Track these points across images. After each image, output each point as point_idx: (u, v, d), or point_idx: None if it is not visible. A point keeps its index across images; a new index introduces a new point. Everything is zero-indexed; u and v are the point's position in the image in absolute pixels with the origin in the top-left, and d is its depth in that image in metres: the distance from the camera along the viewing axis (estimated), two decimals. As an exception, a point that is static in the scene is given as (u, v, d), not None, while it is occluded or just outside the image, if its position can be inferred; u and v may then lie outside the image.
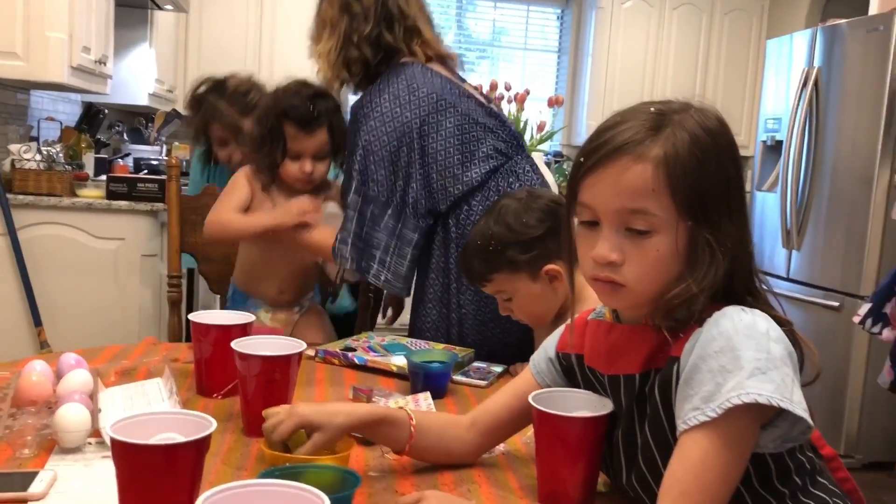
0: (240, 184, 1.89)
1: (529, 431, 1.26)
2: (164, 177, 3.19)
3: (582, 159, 0.95)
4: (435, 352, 1.56)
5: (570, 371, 1.10)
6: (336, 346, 1.65)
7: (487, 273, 1.52)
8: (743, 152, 5.37)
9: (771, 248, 4.15)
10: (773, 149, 4.25)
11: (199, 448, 0.87)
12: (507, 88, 3.46)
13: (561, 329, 1.14)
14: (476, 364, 1.65)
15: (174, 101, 4.65)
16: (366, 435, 1.13)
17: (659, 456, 0.93)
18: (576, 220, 1.00)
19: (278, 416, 1.07)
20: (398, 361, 1.55)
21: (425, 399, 1.31)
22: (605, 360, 1.03)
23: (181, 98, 4.33)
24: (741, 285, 0.94)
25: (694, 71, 5.49)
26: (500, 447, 1.20)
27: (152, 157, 4.18)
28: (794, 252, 3.97)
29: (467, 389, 1.51)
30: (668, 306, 0.92)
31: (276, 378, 1.19)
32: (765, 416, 0.88)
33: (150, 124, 4.62)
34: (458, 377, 1.54)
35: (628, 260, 0.93)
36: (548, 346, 1.15)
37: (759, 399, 0.83)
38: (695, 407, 0.86)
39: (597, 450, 1.03)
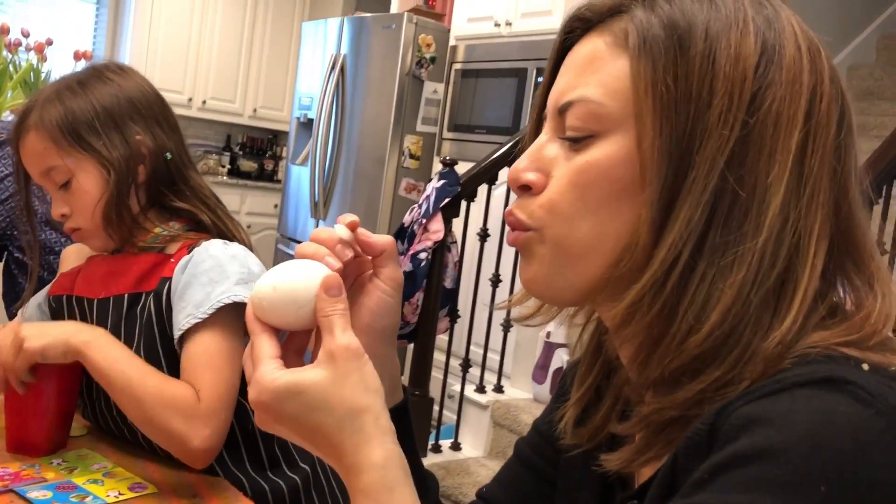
0: None
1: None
2: None
3: None
4: None
5: (60, 311, 1.16)
6: None
7: None
8: (282, 127, 5.66)
9: (303, 218, 4.48)
10: (307, 126, 4.58)
11: None
12: (25, 35, 3.16)
13: (55, 279, 1.21)
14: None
15: None
16: None
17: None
18: None
19: None
20: None
21: None
22: (98, 286, 1.12)
23: None
24: (167, 190, 1.12)
25: (240, 42, 5.60)
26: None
27: None
28: (320, 221, 4.34)
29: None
30: (109, 228, 1.09)
31: None
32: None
33: None
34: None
35: (73, 211, 1.09)
36: (39, 294, 1.21)
37: (245, 300, 1.02)
38: (188, 314, 1.02)
39: (66, 397, 1.06)
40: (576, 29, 0.57)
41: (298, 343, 0.59)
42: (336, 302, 0.54)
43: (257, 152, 6.02)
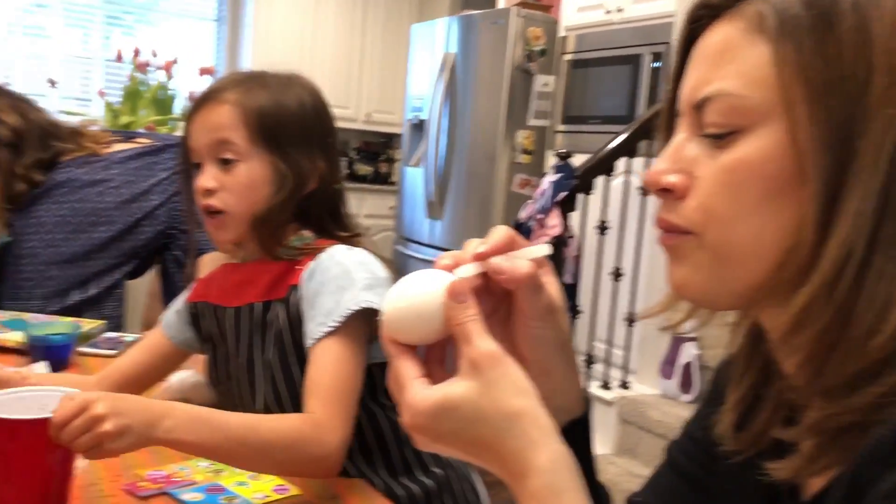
0: None
1: (154, 392, 1.30)
2: None
3: (186, 115, 1.12)
4: (57, 324, 1.51)
5: (197, 318, 1.20)
6: (-58, 325, 1.52)
7: None
8: (395, 130, 5.74)
9: (419, 219, 4.53)
10: (419, 127, 4.62)
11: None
12: (154, 55, 3.34)
13: (193, 285, 1.24)
14: (107, 335, 1.62)
15: None
16: None
17: (282, 372, 1.07)
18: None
19: None
20: (16, 336, 1.47)
21: (40, 369, 1.28)
22: (231, 295, 1.14)
23: None
24: (329, 219, 1.14)
25: (352, 49, 5.72)
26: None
27: None
28: (436, 221, 4.37)
29: (95, 360, 1.49)
30: (256, 228, 1.08)
31: None
32: (373, 329, 1.06)
33: None
34: (84, 348, 1.51)
35: (223, 189, 1.08)
36: (178, 300, 1.24)
37: (372, 304, 1.02)
38: (320, 322, 1.02)
39: (58, 456, 0.86)
40: (702, 17, 0.54)
41: (439, 353, 0.57)
42: (466, 308, 0.52)
43: (372, 156, 6.14)
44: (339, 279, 1.04)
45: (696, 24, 0.54)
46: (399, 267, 4.58)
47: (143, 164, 1.88)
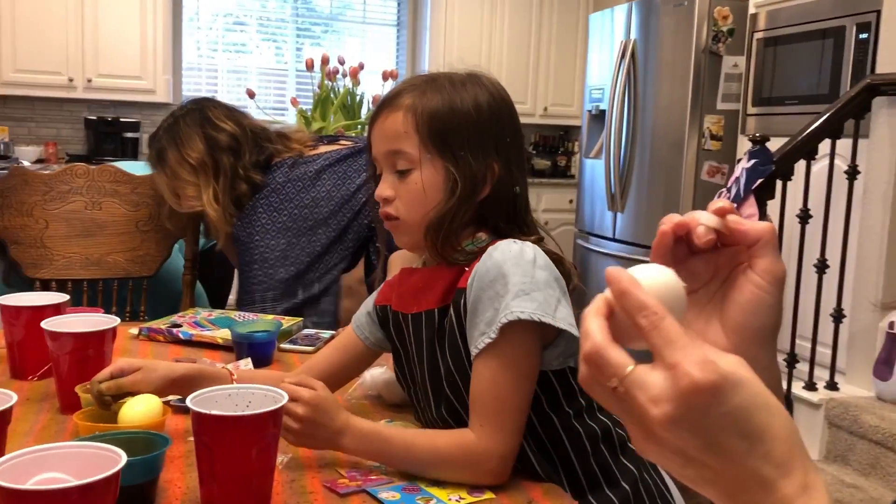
0: None
1: (350, 388, 1.33)
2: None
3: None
4: (260, 322, 1.59)
5: (385, 321, 1.20)
6: (161, 323, 1.65)
7: None
8: (573, 122, 5.64)
9: (600, 212, 4.42)
10: (598, 118, 4.50)
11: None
12: (342, 62, 3.47)
13: (381, 287, 1.25)
14: (305, 332, 1.69)
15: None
16: (185, 393, 1.13)
17: (460, 381, 1.05)
18: None
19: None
20: (224, 334, 1.57)
21: (245, 364, 1.35)
22: (410, 301, 1.14)
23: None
24: (507, 222, 1.09)
25: (528, 44, 5.69)
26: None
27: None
28: (618, 214, 4.25)
29: (295, 356, 1.56)
30: (429, 234, 1.06)
31: (89, 355, 1.19)
32: (546, 335, 1.02)
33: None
34: (285, 345, 1.58)
35: (398, 198, 1.08)
36: (368, 302, 1.26)
37: (522, 316, 0.97)
38: (482, 332, 1.00)
39: (260, 451, 0.90)
40: None
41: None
42: None
43: (550, 150, 6.08)
44: (495, 284, 1.00)
45: None
46: (580, 263, 4.48)
47: (349, 165, 1.97)
